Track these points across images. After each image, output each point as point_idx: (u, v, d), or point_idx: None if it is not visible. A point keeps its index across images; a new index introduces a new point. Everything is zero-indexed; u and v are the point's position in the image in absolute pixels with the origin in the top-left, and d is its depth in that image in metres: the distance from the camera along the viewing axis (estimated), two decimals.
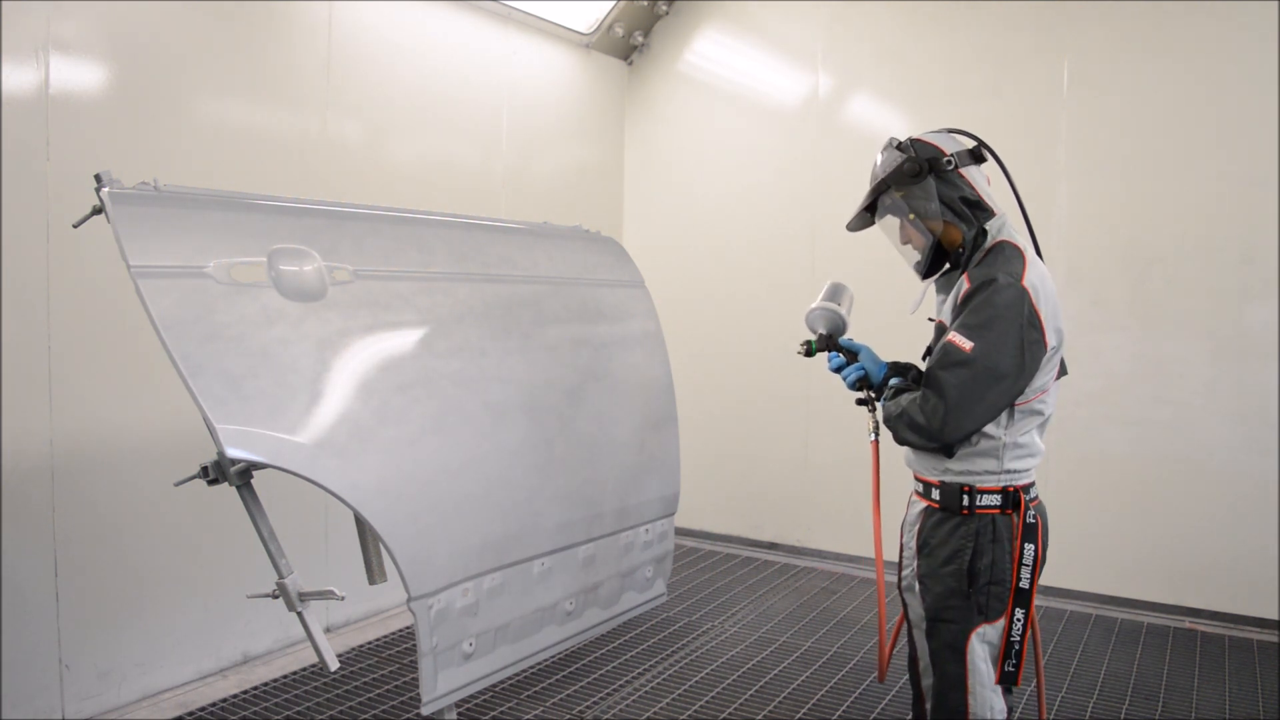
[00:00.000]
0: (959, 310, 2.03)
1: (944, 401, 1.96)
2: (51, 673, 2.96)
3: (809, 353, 2.42)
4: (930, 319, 2.28)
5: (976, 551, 2.04)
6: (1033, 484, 2.13)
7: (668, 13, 5.40)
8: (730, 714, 3.24)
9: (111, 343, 3.07)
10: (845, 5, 4.91)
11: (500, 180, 4.70)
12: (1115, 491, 4.34)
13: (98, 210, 1.94)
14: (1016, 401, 2.03)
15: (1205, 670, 3.68)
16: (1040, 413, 2.10)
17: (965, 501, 2.05)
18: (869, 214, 2.28)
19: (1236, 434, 4.10)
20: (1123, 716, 3.28)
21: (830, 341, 2.39)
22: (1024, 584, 2.03)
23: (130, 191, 1.95)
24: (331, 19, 3.76)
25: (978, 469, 2.06)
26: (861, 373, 2.34)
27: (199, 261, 1.94)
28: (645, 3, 5.29)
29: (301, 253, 2.13)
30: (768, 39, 5.19)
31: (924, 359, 2.31)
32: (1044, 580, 4.44)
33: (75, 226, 2.06)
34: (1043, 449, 2.14)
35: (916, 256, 2.23)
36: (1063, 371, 2.21)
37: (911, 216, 2.14)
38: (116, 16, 3.06)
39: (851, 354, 2.38)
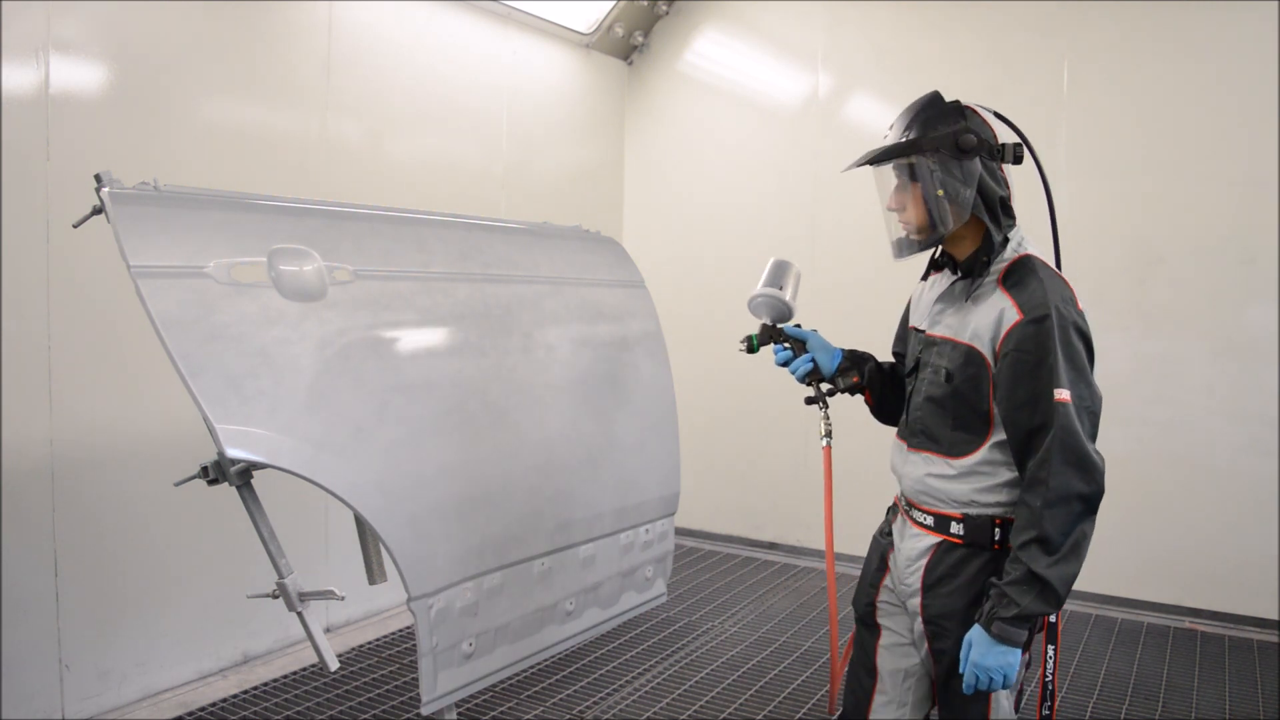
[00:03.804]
0: (1024, 344, 1.77)
1: (1080, 460, 1.73)
2: (51, 673, 2.96)
3: (751, 348, 2.14)
4: (917, 328, 2.02)
5: None
6: None
7: (668, 13, 5.40)
8: (730, 714, 3.24)
9: (111, 343, 3.07)
10: (845, 5, 4.91)
11: (500, 180, 4.70)
12: (1115, 492, 4.27)
13: (98, 210, 1.94)
14: None
15: (1205, 670, 3.68)
16: None
17: (998, 535, 1.84)
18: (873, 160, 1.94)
19: (1237, 434, 4.10)
20: (1123, 716, 3.28)
21: (774, 332, 2.11)
22: (1052, 617, 1.88)
23: (130, 191, 1.95)
24: (331, 19, 3.76)
25: (1007, 499, 1.85)
26: (811, 365, 2.08)
27: (199, 261, 1.94)
28: (645, 3, 5.29)
29: (301, 253, 2.13)
30: (768, 39, 5.19)
31: (894, 352, 2.17)
32: None
33: (75, 226, 2.05)
34: None
35: (901, 232, 1.92)
36: None
37: (940, 193, 1.82)
38: (116, 16, 3.06)
39: (799, 343, 2.11)
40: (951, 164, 1.82)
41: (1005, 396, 1.80)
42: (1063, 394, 1.73)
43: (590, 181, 5.40)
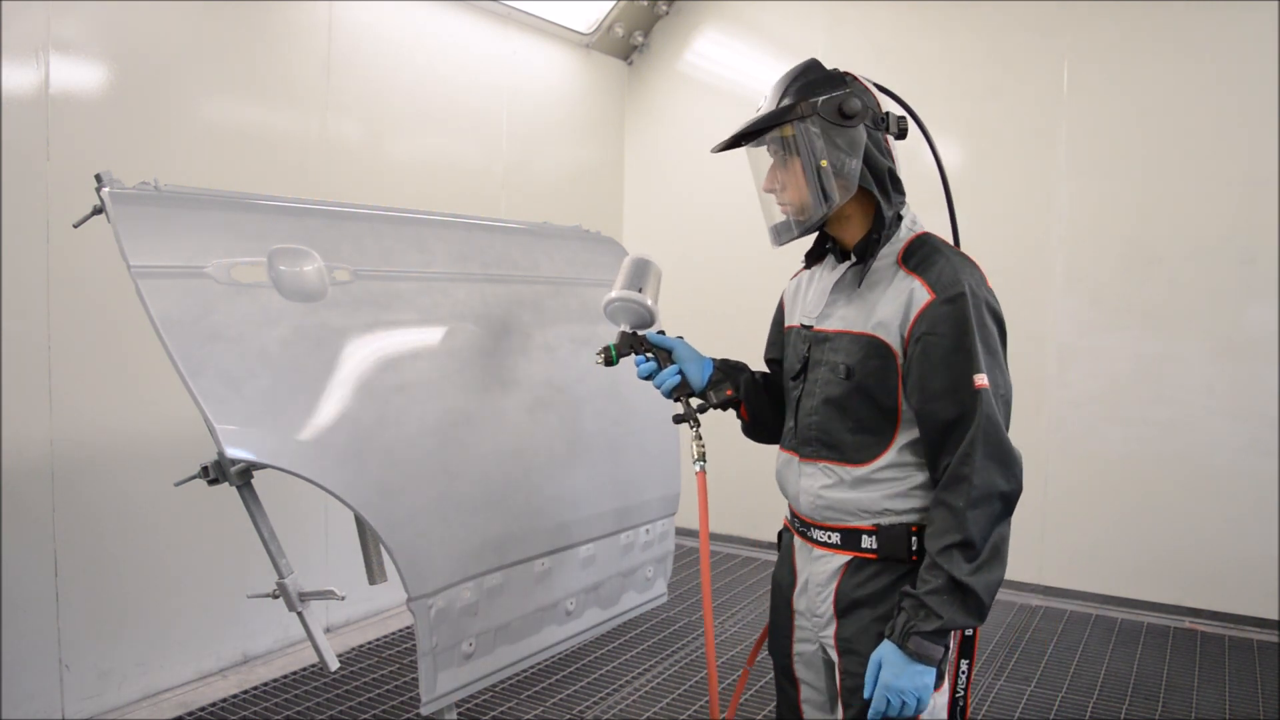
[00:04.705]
0: (938, 326, 1.59)
1: (1002, 455, 1.57)
2: (51, 673, 2.96)
3: (609, 360, 1.87)
4: (803, 325, 1.81)
5: None
6: None
7: (668, 13, 5.40)
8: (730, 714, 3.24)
9: (111, 343, 3.07)
10: (845, 5, 4.91)
11: (500, 180, 4.70)
12: (1115, 492, 4.34)
13: (98, 210, 1.93)
14: None
15: (1205, 670, 3.68)
16: None
17: (915, 545, 1.65)
18: (745, 135, 1.75)
19: (1237, 434, 4.10)
20: (1123, 716, 3.28)
21: (636, 340, 1.87)
22: (969, 630, 1.67)
23: (130, 191, 1.95)
24: (331, 19, 3.76)
25: (921, 505, 1.66)
26: (678, 378, 1.85)
27: (199, 261, 1.94)
28: (645, 3, 5.29)
29: (301, 253, 2.13)
30: (768, 39, 5.19)
31: (769, 360, 2.00)
32: (1044, 580, 4.50)
33: (75, 226, 2.05)
34: None
35: (780, 216, 1.74)
36: None
37: (824, 164, 1.63)
38: (116, 16, 3.06)
39: (665, 353, 1.88)
40: (834, 131, 1.63)
41: (918, 386, 1.61)
42: (981, 379, 1.56)
43: (590, 181, 5.40)
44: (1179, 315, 4.21)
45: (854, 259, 1.72)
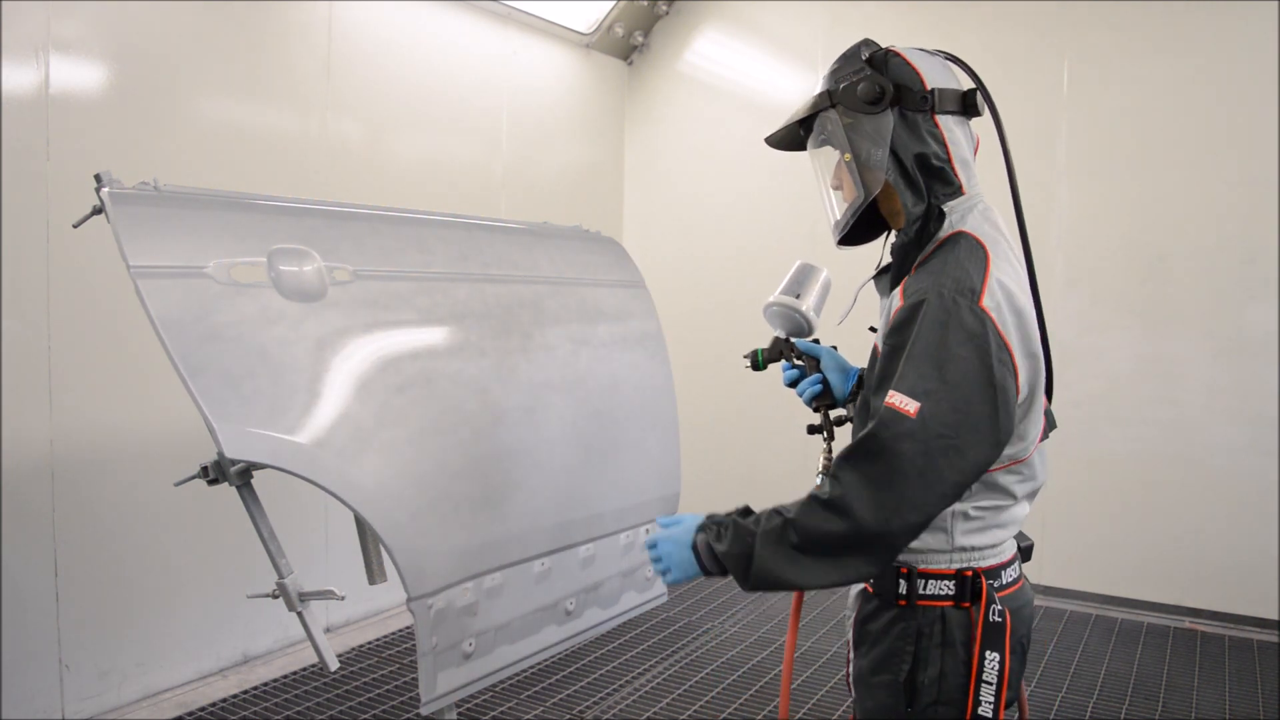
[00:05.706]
0: (888, 339, 1.42)
1: (883, 479, 1.33)
2: (51, 673, 2.96)
3: (756, 364, 1.86)
4: (872, 329, 1.68)
5: (918, 659, 1.47)
6: (1007, 565, 1.54)
7: (668, 13, 5.40)
8: (730, 714, 3.24)
9: (111, 343, 3.07)
10: (845, 5, 4.91)
11: (500, 180, 4.70)
12: (1116, 491, 4.34)
13: (98, 210, 1.94)
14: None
15: (1205, 670, 3.68)
16: (1011, 484, 1.50)
17: (903, 589, 1.48)
18: (801, 131, 1.66)
19: (1237, 434, 4.10)
20: (1123, 716, 3.28)
21: (786, 347, 1.84)
22: (985, 710, 1.43)
23: (130, 191, 1.95)
24: (331, 19, 3.76)
25: (921, 545, 1.48)
26: (819, 386, 1.76)
27: (199, 261, 1.94)
28: (645, 3, 5.29)
29: (301, 253, 2.13)
30: (768, 39, 5.19)
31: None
32: (1044, 580, 4.50)
33: (75, 226, 2.05)
34: (1021, 517, 1.56)
35: (838, 214, 1.61)
36: (1050, 425, 1.60)
37: (847, 157, 1.51)
38: (116, 16, 3.06)
39: (812, 361, 1.81)
40: (862, 120, 1.49)
41: (874, 406, 1.41)
42: (896, 398, 1.32)
43: (590, 181, 5.40)
44: (1179, 315, 4.21)
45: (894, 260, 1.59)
